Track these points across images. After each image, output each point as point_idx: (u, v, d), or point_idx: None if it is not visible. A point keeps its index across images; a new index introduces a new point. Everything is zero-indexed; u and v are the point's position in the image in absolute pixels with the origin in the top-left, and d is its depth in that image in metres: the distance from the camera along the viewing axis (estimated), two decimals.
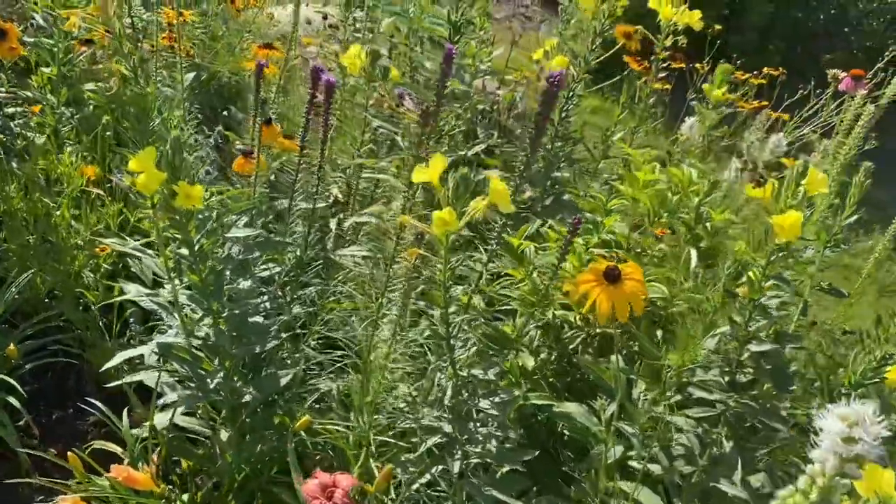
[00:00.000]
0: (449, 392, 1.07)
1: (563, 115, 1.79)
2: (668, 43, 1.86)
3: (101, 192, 1.78)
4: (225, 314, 1.27)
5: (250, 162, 1.52)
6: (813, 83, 2.56)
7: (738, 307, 0.98)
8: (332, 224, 1.84)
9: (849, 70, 6.41)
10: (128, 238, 1.69)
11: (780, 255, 0.91)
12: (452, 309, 1.02)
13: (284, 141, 1.80)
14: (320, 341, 1.58)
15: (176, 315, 1.32)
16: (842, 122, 2.03)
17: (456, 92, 2.10)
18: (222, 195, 1.35)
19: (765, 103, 2.13)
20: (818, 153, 1.67)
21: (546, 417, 1.30)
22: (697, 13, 1.87)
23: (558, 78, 0.91)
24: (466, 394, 1.09)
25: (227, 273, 1.31)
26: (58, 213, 1.75)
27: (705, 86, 2.38)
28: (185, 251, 1.22)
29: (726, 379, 1.01)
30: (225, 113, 2.72)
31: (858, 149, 1.71)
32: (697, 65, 2.66)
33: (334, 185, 1.92)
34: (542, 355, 1.41)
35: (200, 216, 1.22)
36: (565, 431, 1.27)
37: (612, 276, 1.02)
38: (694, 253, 1.23)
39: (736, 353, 0.99)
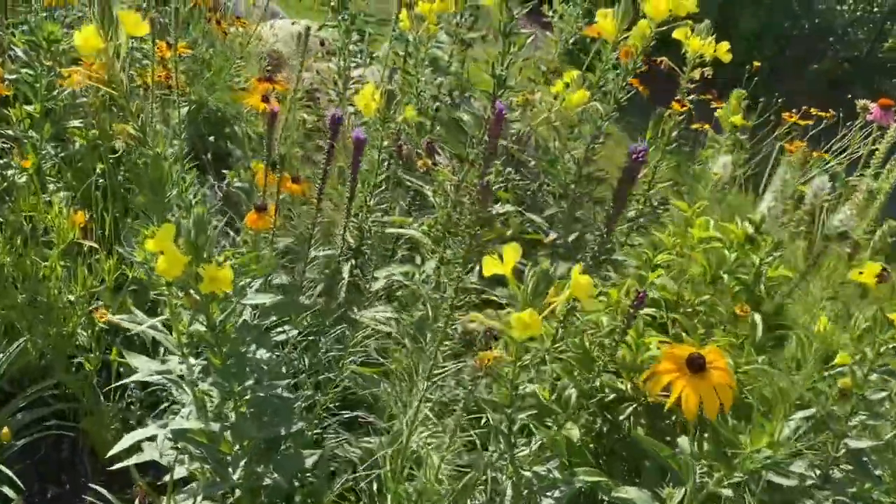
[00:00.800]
0: (510, 492, 0.96)
1: (589, 153, 1.70)
2: (697, 75, 1.78)
3: (94, 245, 1.64)
4: (248, 396, 1.15)
5: (263, 218, 1.40)
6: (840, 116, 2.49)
7: (836, 397, 0.89)
8: (345, 271, 1.73)
9: (833, 80, 6.42)
10: (128, 302, 1.57)
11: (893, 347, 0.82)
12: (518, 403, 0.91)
13: (293, 186, 1.68)
14: (340, 408, 1.47)
15: (190, 393, 1.20)
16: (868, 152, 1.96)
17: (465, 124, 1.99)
18: (237, 260, 1.23)
19: (799, 143, 2.05)
20: (861, 193, 1.59)
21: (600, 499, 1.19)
22: (726, 45, 1.78)
23: (643, 154, 0.81)
24: (527, 491, 0.98)
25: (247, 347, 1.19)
26: (47, 266, 1.61)
27: (719, 112, 2.30)
28: (202, 328, 1.10)
29: (818, 473, 0.92)
30: (212, 138, 2.59)
31: None
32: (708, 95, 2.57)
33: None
34: (583, 423, 1.30)
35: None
36: None
37: (696, 365, 0.92)
38: (759, 318, 1.14)
39: (832, 446, 0.90)
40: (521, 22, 3.44)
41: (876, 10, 5.83)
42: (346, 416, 1.52)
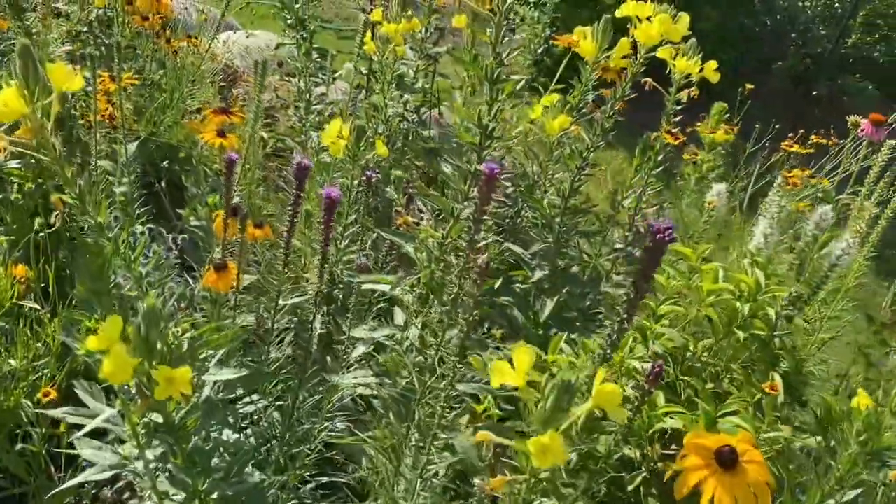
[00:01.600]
0: None
1: (575, 184, 1.59)
2: (684, 97, 1.67)
3: (35, 306, 1.48)
4: (215, 495, 1.02)
5: (223, 277, 1.26)
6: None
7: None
8: (317, 322, 1.59)
9: (796, 77, 6.41)
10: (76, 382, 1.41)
11: None
12: None
13: (256, 231, 1.55)
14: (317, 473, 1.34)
15: (149, 489, 1.06)
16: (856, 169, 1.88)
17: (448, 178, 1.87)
18: (197, 332, 1.09)
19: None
20: (862, 218, 1.50)
21: None
22: (713, 64, 1.68)
23: (669, 234, 0.69)
24: None
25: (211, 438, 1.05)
26: None
27: (699, 126, 2.21)
28: (160, 423, 0.96)
29: None
30: (165, 164, 2.43)
31: None
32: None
33: (312, 273, 1.67)
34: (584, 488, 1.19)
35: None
36: None
37: (727, 460, 0.81)
38: (779, 379, 1.04)
39: None
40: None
41: (837, 5, 5.84)
42: (324, 480, 1.40)
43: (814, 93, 5.30)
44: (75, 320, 0.89)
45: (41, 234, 1.56)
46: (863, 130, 1.86)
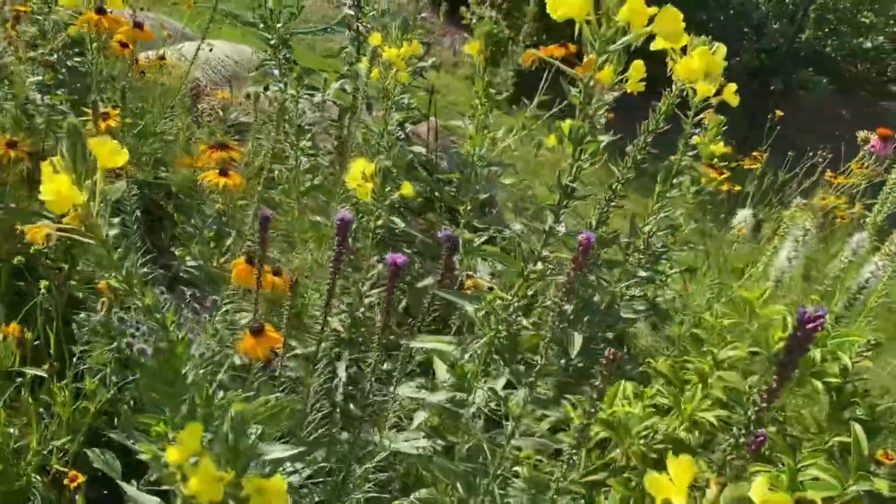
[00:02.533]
0: None
1: (603, 216, 1.54)
2: (699, 119, 1.65)
3: (41, 372, 1.37)
4: None
5: (262, 342, 1.18)
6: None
7: None
8: (341, 370, 1.52)
9: (752, 71, 6.51)
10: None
11: None
12: None
13: (275, 279, 1.46)
14: None
15: None
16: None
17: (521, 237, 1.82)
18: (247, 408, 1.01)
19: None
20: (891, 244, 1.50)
21: None
22: (733, 86, 1.66)
23: (821, 321, 0.65)
24: None
25: None
26: None
27: (696, 138, 2.19)
28: None
29: None
30: (156, 179, 2.29)
31: None
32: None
33: (335, 318, 1.60)
34: None
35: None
36: None
37: None
38: (860, 430, 1.01)
39: None
40: (441, 26, 3.20)
41: (789, 1, 5.94)
42: None
43: (771, 87, 5.40)
44: (142, 423, 0.80)
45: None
46: (872, 146, 1.86)
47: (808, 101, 5.49)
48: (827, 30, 5.93)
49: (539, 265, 0.96)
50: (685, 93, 1.71)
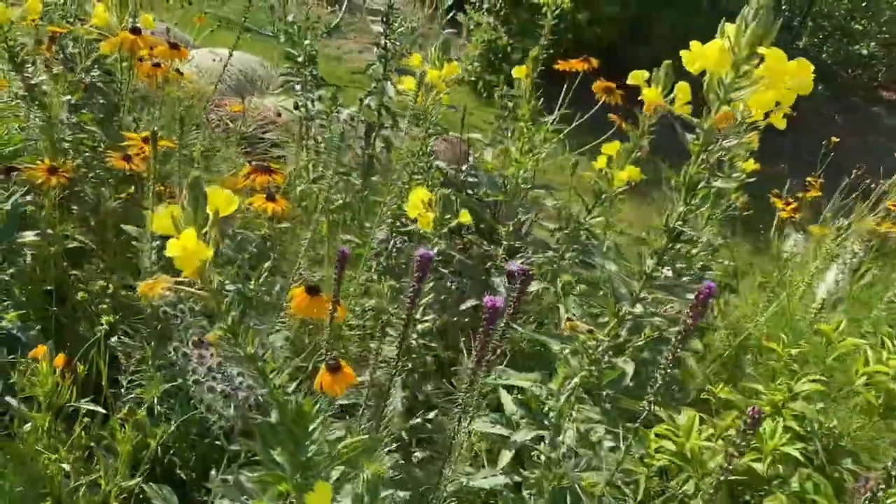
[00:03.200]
0: None
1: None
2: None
3: (97, 408, 1.34)
4: None
5: (339, 379, 1.16)
6: None
7: None
8: (396, 399, 1.51)
9: None
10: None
11: None
12: None
13: (343, 311, 1.44)
14: None
15: None
16: None
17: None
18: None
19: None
20: None
21: None
22: (785, 109, 1.67)
23: None
24: None
25: None
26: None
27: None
28: None
29: None
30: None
31: None
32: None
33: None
34: None
35: None
36: None
37: None
38: None
39: None
40: (439, 31, 3.18)
41: (784, 7, 6.00)
42: None
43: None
44: (263, 482, 0.79)
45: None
46: None
47: (806, 107, 5.54)
48: (822, 36, 6.00)
49: (638, 308, 0.95)
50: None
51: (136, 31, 1.77)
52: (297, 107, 2.21)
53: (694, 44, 0.86)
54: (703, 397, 1.45)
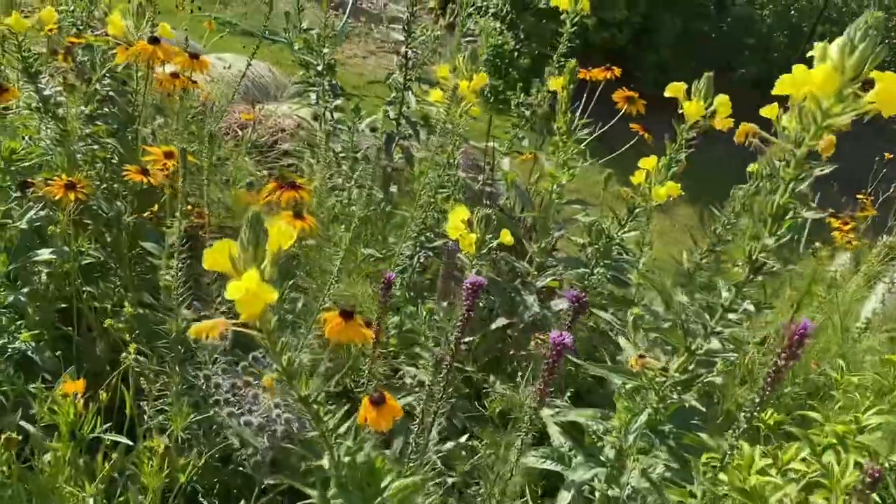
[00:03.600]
0: None
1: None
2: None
3: (124, 440, 1.28)
4: None
5: (384, 412, 1.10)
6: None
7: None
8: (434, 433, 1.45)
9: (755, 81, 6.48)
10: None
11: None
12: None
13: (367, 332, 1.38)
14: None
15: None
16: None
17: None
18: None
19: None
20: None
21: None
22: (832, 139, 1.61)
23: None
24: None
25: None
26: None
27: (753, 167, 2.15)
28: None
29: None
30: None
31: None
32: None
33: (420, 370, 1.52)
34: None
35: None
36: None
37: None
38: None
39: None
40: (441, 36, 3.10)
41: (793, 12, 5.96)
42: None
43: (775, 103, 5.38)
44: None
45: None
46: None
47: None
48: (830, 42, 5.94)
49: (714, 343, 0.89)
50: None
51: (154, 40, 1.71)
52: (315, 118, 2.15)
53: (798, 67, 0.80)
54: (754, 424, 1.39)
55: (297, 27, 2.36)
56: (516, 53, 5.13)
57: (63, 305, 1.77)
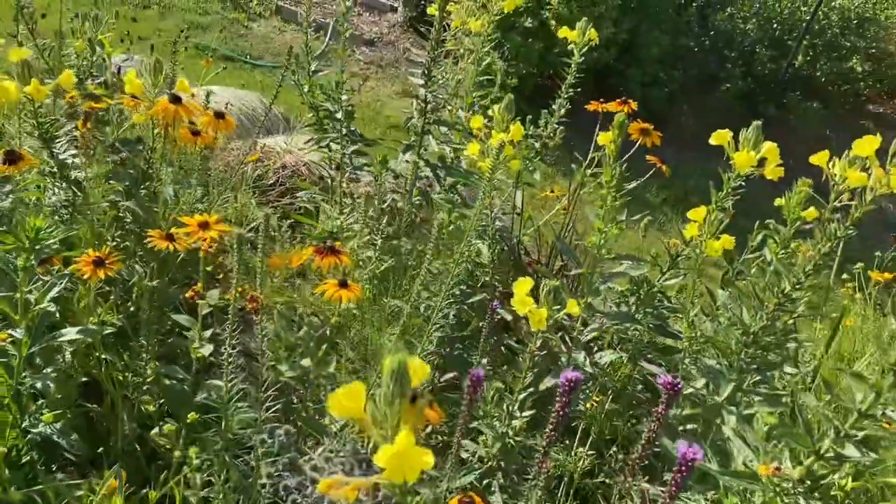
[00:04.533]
0: None
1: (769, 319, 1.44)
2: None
3: None
4: None
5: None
6: None
7: None
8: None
9: (740, 95, 6.48)
10: None
11: None
12: None
13: (431, 414, 1.31)
14: None
15: None
16: None
17: None
18: None
19: None
20: None
21: None
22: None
23: None
24: None
25: None
26: None
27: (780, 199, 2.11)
28: None
29: None
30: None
31: None
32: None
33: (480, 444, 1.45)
34: None
35: None
36: None
37: None
38: None
39: None
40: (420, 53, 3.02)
41: (776, 26, 5.99)
42: None
43: (761, 113, 5.43)
44: None
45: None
46: None
47: (806, 126, 5.53)
48: (812, 55, 6.01)
49: (850, 449, 0.84)
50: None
51: (176, 99, 1.63)
52: (336, 167, 2.07)
53: None
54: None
55: (307, 69, 2.28)
56: (507, 75, 5.09)
57: (84, 380, 1.68)
